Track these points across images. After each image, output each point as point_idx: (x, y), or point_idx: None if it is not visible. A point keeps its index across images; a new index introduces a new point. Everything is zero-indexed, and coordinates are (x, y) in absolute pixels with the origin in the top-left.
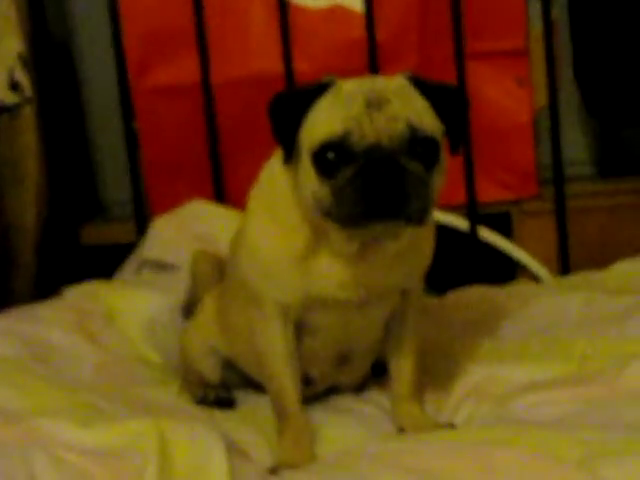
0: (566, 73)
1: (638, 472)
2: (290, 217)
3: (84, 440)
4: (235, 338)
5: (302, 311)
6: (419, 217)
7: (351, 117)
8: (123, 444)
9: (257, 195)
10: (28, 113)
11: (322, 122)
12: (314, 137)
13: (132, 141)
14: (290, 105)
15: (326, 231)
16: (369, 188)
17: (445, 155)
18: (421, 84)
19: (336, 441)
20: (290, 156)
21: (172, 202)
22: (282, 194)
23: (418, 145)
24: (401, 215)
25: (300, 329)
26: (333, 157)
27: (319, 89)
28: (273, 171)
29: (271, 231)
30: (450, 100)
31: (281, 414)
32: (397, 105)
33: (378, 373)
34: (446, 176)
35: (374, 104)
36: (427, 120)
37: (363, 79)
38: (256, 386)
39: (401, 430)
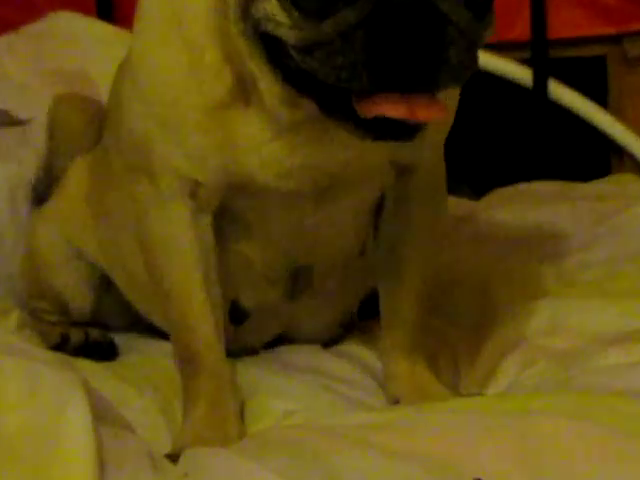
0: None
1: None
2: (208, 53)
3: None
4: (116, 234)
5: (223, 196)
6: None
7: None
8: None
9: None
10: None
11: None
12: None
13: None
14: None
15: (258, 85)
16: (385, 44)
17: None
18: None
19: (284, 415)
20: None
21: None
22: (197, 16)
23: None
24: (429, 89)
25: (223, 224)
26: None
27: None
28: None
29: (173, 51)
30: None
31: (189, 367)
32: None
33: (366, 314)
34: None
35: None
36: None
37: None
38: (152, 328)
39: (395, 402)
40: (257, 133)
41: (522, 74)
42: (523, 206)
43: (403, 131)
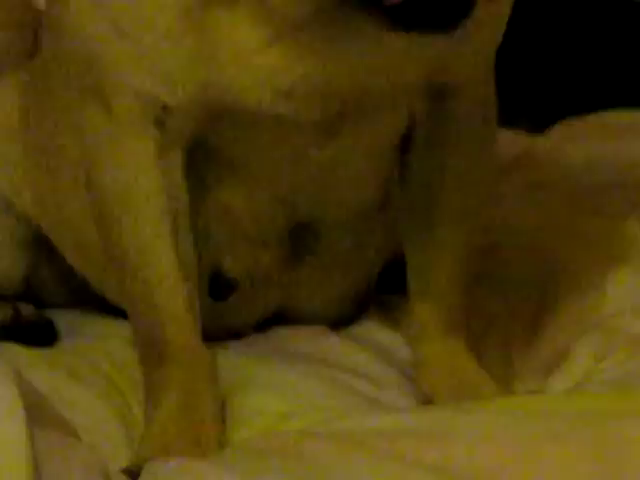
0: None
1: None
2: None
3: None
4: (58, 179)
5: (199, 125)
6: None
7: None
8: None
9: None
10: None
11: None
12: None
13: None
14: None
15: None
16: None
17: None
18: None
19: (279, 417)
20: None
21: None
22: None
23: None
24: None
25: (198, 164)
26: None
27: None
28: None
29: None
30: None
31: (153, 354)
32: None
33: (388, 286)
34: None
35: None
36: None
37: None
38: (104, 303)
39: (427, 400)
40: (247, 37)
41: None
42: (599, 143)
43: (443, 16)
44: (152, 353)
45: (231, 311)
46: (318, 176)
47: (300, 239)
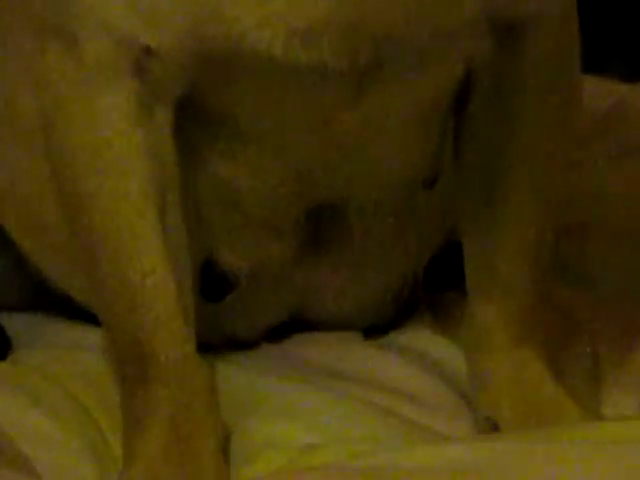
0: None
1: None
2: None
3: None
4: (10, 143)
5: (191, 77)
6: None
7: None
8: None
9: None
10: None
11: None
12: None
13: None
14: None
15: None
16: None
17: None
18: None
19: (301, 450)
20: None
21: None
22: None
23: None
24: None
25: (190, 127)
26: None
27: None
28: None
29: None
30: None
31: (135, 370)
32: None
33: (438, 283)
34: None
35: None
36: None
37: None
38: (70, 305)
39: (491, 427)
40: None
41: None
42: None
43: None
44: (133, 368)
45: (231, 315)
46: (346, 143)
47: (321, 225)
